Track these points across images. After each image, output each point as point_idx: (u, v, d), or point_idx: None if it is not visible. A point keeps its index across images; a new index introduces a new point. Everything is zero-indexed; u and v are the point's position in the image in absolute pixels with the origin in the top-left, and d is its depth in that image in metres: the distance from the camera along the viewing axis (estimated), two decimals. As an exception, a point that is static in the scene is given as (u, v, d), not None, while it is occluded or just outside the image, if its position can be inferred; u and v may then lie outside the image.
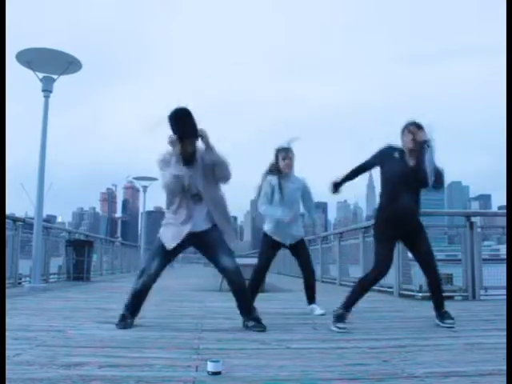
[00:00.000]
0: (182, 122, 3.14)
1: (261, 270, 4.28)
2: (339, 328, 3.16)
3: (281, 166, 4.12)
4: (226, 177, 3.29)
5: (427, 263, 3.43)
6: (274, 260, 4.52)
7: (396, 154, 3.35)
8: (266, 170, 4.21)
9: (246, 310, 3.33)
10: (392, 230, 3.32)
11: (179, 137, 3.15)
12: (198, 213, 3.27)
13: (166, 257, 3.34)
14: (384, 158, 3.37)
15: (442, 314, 3.37)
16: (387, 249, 3.35)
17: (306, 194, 4.31)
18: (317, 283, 4.45)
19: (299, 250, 4.31)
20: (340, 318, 3.23)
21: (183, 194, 3.24)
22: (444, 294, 3.56)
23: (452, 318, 3.33)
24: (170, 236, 3.27)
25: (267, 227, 4.25)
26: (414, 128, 3.31)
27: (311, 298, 4.30)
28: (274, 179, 4.12)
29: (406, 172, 3.30)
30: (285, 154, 4.13)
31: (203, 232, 3.28)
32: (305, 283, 4.35)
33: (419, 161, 3.28)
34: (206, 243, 3.32)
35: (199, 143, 3.24)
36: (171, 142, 3.18)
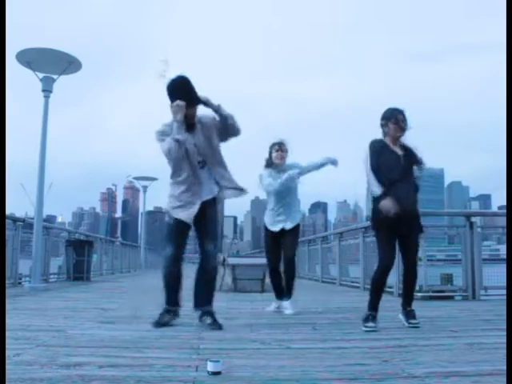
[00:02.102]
0: (181, 90, 3.16)
1: (275, 267, 4.36)
2: (367, 327, 3.18)
3: (273, 158, 4.26)
4: (238, 130, 3.31)
5: (410, 257, 3.41)
6: None
7: (385, 147, 3.35)
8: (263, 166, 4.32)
9: (205, 301, 3.30)
10: (392, 222, 3.24)
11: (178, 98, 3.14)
12: (206, 180, 3.26)
13: (182, 235, 3.33)
14: (378, 151, 3.34)
15: (407, 313, 3.37)
16: (388, 242, 3.32)
17: (296, 166, 4.26)
18: (316, 283, 4.45)
19: (286, 236, 4.27)
20: (366, 319, 3.26)
21: (189, 162, 3.22)
22: (413, 294, 3.54)
23: (416, 318, 3.31)
24: (185, 213, 3.23)
25: (265, 220, 4.38)
26: (401, 117, 3.32)
27: (288, 294, 4.28)
28: (266, 172, 4.24)
29: (399, 162, 3.29)
30: (277, 146, 4.27)
31: (207, 202, 3.26)
32: (285, 277, 4.31)
33: (406, 146, 3.33)
34: (203, 215, 3.26)
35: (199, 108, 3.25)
36: (178, 107, 3.14)
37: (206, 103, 3.22)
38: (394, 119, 3.31)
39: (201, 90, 3.23)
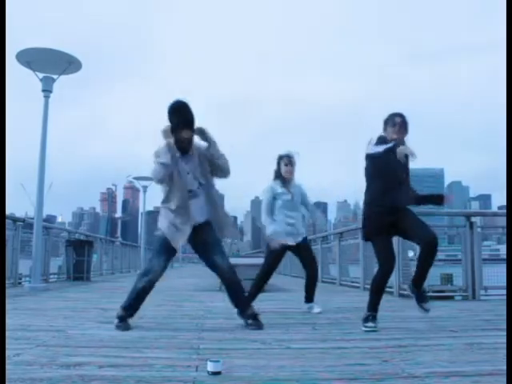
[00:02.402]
0: (179, 112, 3.21)
1: (268, 272, 4.40)
2: (367, 327, 3.19)
3: (282, 172, 4.32)
4: (226, 171, 3.37)
5: (421, 227, 3.28)
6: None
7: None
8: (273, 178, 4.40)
9: (242, 304, 3.36)
10: (384, 224, 3.25)
11: (176, 125, 3.19)
12: (195, 206, 3.29)
13: (171, 253, 3.37)
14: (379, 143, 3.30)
15: (420, 295, 3.36)
16: (384, 247, 3.32)
17: (304, 197, 4.46)
18: (317, 283, 4.48)
19: (302, 250, 4.40)
20: (365, 319, 3.26)
21: (181, 186, 3.25)
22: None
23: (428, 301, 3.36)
24: (176, 237, 3.28)
25: (270, 230, 4.29)
26: (399, 120, 3.29)
27: (310, 298, 4.39)
28: (278, 186, 4.32)
29: (397, 166, 3.25)
30: (286, 160, 4.33)
31: (200, 225, 3.32)
32: (306, 281, 4.43)
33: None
34: (200, 237, 3.33)
35: (197, 138, 3.30)
36: (164, 132, 3.25)
37: (203, 133, 3.28)
38: (392, 122, 3.31)
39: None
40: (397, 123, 3.29)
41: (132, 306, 3.30)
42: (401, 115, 3.34)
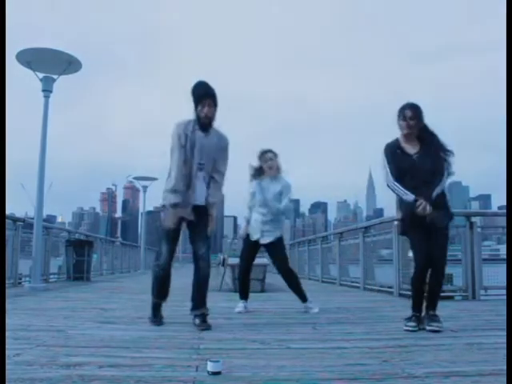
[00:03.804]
0: (205, 86, 3.33)
1: (243, 271, 4.47)
2: (408, 326, 3.18)
3: (264, 168, 4.32)
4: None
5: (435, 254, 3.26)
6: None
7: (398, 151, 3.27)
8: (252, 173, 4.39)
9: (199, 303, 3.37)
10: (415, 221, 3.20)
11: (202, 96, 3.28)
12: (200, 185, 3.33)
13: (176, 238, 3.44)
14: (391, 158, 3.28)
15: (428, 317, 3.26)
16: (419, 241, 3.28)
17: (283, 191, 4.32)
18: (316, 283, 4.46)
19: (274, 251, 4.41)
20: (408, 319, 3.26)
21: (191, 163, 3.29)
22: (437, 297, 3.36)
23: (438, 322, 3.19)
24: (184, 211, 3.31)
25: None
26: (409, 113, 3.23)
27: (300, 297, 4.38)
28: (255, 183, 4.35)
29: (412, 164, 3.22)
30: (266, 156, 4.31)
31: (201, 207, 3.34)
32: (288, 286, 4.43)
33: (426, 138, 3.24)
34: (197, 219, 3.35)
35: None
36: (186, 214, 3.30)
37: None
38: (402, 116, 3.25)
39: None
40: (407, 117, 3.23)
41: (160, 291, 3.46)
42: (411, 106, 3.26)
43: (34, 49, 6.77)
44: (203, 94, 3.30)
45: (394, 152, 3.29)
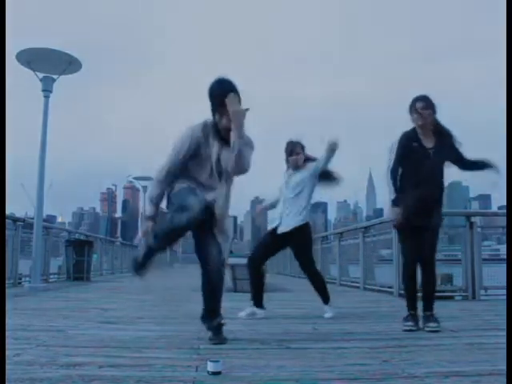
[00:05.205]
0: (228, 83, 2.75)
1: (252, 259, 4.04)
2: (406, 326, 3.19)
3: (290, 160, 4.09)
4: (242, 169, 2.78)
5: (423, 253, 3.32)
6: (273, 260, 4.51)
7: (415, 143, 3.23)
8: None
9: (211, 313, 2.82)
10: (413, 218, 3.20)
11: (222, 93, 2.64)
12: (220, 189, 2.76)
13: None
14: (404, 147, 3.24)
15: (425, 317, 3.24)
16: (410, 240, 3.29)
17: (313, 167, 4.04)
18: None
19: (293, 241, 3.97)
20: (405, 318, 3.26)
21: (212, 167, 2.72)
22: (432, 296, 3.34)
23: (436, 322, 3.18)
24: (211, 194, 2.72)
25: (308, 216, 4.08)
26: (420, 104, 3.22)
27: (323, 300, 4.00)
28: (284, 174, 4.18)
29: (427, 158, 3.21)
30: (291, 148, 4.09)
31: (212, 208, 2.73)
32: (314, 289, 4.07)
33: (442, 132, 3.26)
34: (208, 222, 2.74)
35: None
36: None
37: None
38: (414, 108, 3.24)
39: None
40: (419, 108, 3.22)
41: (169, 237, 2.81)
42: (423, 99, 3.25)
43: (34, 49, 6.77)
44: (227, 89, 2.67)
45: (409, 143, 3.25)
